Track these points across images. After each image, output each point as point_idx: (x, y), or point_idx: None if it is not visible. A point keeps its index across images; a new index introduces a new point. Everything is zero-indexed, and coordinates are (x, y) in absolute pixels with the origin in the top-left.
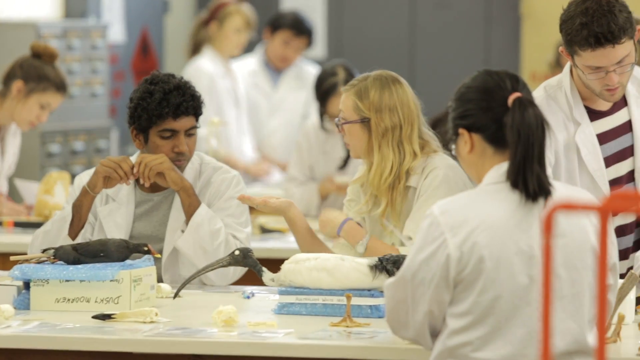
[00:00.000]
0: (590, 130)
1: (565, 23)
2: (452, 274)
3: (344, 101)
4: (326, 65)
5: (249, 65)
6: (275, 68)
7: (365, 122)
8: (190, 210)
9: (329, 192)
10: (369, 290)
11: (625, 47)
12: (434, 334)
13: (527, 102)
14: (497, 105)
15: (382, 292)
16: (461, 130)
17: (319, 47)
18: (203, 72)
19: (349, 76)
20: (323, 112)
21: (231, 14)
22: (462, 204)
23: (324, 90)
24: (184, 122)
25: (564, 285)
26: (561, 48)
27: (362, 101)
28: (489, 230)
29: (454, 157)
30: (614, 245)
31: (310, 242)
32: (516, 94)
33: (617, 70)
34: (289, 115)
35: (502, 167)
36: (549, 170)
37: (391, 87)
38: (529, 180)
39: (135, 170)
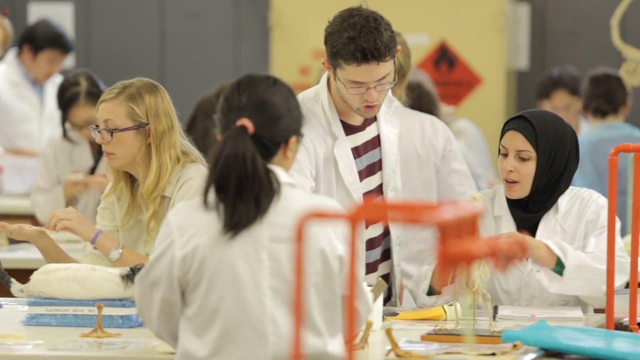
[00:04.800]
0: (346, 144)
1: (332, 36)
2: (177, 274)
3: (113, 109)
4: (68, 74)
5: (9, 75)
6: (36, 79)
7: (142, 127)
8: None
9: (72, 193)
10: (120, 300)
11: (388, 66)
12: (175, 337)
13: (240, 134)
14: (229, 122)
15: (133, 301)
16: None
17: (67, 57)
18: None
19: (92, 86)
20: (65, 121)
21: None
22: (192, 208)
23: (66, 100)
24: None
25: (292, 290)
26: (323, 60)
27: (139, 106)
28: (210, 233)
29: None
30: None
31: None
32: (242, 121)
33: (377, 88)
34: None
35: None
36: (311, 183)
37: (160, 92)
38: (223, 210)
39: None
